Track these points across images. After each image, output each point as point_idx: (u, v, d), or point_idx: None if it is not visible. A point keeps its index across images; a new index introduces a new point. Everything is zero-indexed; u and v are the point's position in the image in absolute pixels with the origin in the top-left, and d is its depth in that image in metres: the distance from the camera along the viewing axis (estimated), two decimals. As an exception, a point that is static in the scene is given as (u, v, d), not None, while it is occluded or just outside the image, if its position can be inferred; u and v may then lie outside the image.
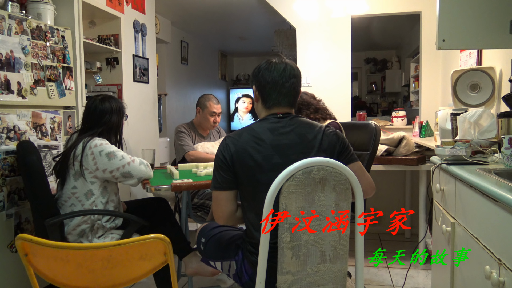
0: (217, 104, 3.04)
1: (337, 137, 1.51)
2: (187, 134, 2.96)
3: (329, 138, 1.49)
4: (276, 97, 1.53)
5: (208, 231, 1.80)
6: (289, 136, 1.47)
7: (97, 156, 1.92)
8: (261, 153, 1.45)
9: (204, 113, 3.01)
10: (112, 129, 2.10)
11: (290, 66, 1.56)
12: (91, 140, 1.95)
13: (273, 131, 1.48)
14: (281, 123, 1.50)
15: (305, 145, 1.47)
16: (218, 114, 3.03)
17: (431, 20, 3.68)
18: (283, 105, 1.55)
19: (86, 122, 2.07)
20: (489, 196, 1.21)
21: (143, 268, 1.29)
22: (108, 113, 2.06)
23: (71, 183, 1.95)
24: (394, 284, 2.68)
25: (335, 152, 1.49)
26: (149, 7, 3.91)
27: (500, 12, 1.88)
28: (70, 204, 1.95)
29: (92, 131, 2.02)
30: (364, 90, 8.30)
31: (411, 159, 2.91)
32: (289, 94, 1.54)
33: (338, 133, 1.53)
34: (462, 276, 1.56)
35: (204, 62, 7.47)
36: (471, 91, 2.48)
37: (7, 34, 2.11)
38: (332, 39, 3.94)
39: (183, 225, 2.41)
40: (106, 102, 2.08)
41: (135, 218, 1.97)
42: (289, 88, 1.53)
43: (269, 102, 1.54)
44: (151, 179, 2.08)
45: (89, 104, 2.09)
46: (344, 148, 1.52)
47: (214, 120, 3.02)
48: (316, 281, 1.38)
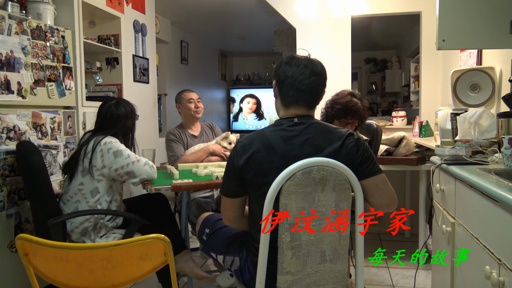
0: (191, 92, 3.03)
1: (357, 149, 1.40)
2: (176, 141, 2.87)
3: (347, 150, 1.39)
4: (294, 95, 1.44)
5: (213, 222, 1.77)
6: (303, 148, 1.38)
7: (105, 154, 1.95)
8: (271, 163, 1.38)
9: (183, 105, 2.99)
10: (126, 132, 2.15)
11: (313, 63, 1.46)
12: (102, 138, 1.99)
13: (286, 140, 1.40)
14: (295, 131, 1.41)
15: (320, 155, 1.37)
16: (197, 100, 3.00)
17: (431, 20, 3.68)
18: (301, 105, 1.45)
19: (101, 125, 2.10)
20: (489, 196, 1.21)
21: (143, 268, 1.29)
22: (124, 117, 2.12)
23: (79, 179, 1.97)
24: (394, 284, 2.68)
25: (354, 165, 1.39)
26: (149, 7, 3.91)
27: (500, 12, 1.88)
28: (76, 200, 1.97)
29: (106, 131, 2.06)
30: (364, 90, 8.30)
31: (411, 159, 2.91)
32: (308, 93, 1.44)
33: (359, 144, 1.42)
34: (462, 276, 1.56)
35: (204, 62, 7.47)
36: (471, 91, 2.48)
37: (7, 34, 2.11)
38: (332, 39, 3.94)
39: (183, 226, 2.41)
40: (121, 106, 2.13)
41: (136, 218, 1.99)
42: (308, 85, 1.43)
43: (287, 99, 1.46)
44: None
45: (104, 109, 2.11)
46: (363, 160, 1.41)
47: (195, 106, 2.97)
48: (316, 281, 1.38)
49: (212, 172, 2.19)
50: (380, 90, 8.12)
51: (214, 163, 2.54)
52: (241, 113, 8.69)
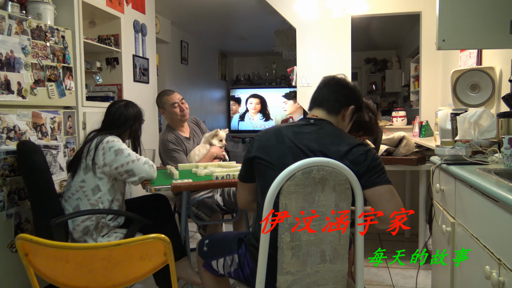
0: (172, 94, 2.82)
1: (364, 158, 1.40)
2: (178, 151, 2.74)
3: (354, 156, 1.40)
4: (318, 97, 1.57)
5: (214, 234, 1.83)
6: (309, 142, 1.44)
7: (106, 152, 1.97)
8: (278, 152, 1.45)
9: (167, 110, 2.79)
10: (132, 135, 2.19)
11: (346, 84, 1.57)
12: (105, 136, 2.01)
13: (296, 134, 1.47)
14: (307, 128, 1.49)
15: (323, 154, 1.40)
16: (181, 101, 2.79)
17: (431, 20, 3.68)
18: (322, 109, 1.55)
19: (108, 125, 2.12)
20: (489, 196, 1.21)
21: (143, 268, 1.29)
22: (131, 120, 2.15)
23: (81, 176, 1.98)
24: (394, 284, 2.68)
25: (359, 172, 1.38)
26: (149, 7, 3.91)
27: (500, 12, 1.88)
28: (77, 198, 1.97)
29: (111, 131, 2.08)
30: (364, 90, 8.30)
31: (411, 159, 2.91)
32: (330, 104, 1.54)
33: (369, 154, 1.42)
34: (462, 276, 1.56)
35: (204, 62, 7.47)
36: (471, 91, 2.48)
37: (7, 34, 2.11)
38: (332, 39, 3.94)
39: (183, 226, 2.41)
40: (130, 108, 2.16)
41: (138, 217, 1.99)
42: (332, 99, 1.54)
43: (312, 101, 1.59)
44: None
45: (113, 110, 2.14)
46: (369, 169, 1.40)
47: (181, 109, 2.77)
48: (316, 281, 1.38)
49: (212, 172, 2.19)
50: (380, 90, 8.11)
51: (214, 163, 2.54)
52: (247, 113, 8.70)
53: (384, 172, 1.43)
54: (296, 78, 4.10)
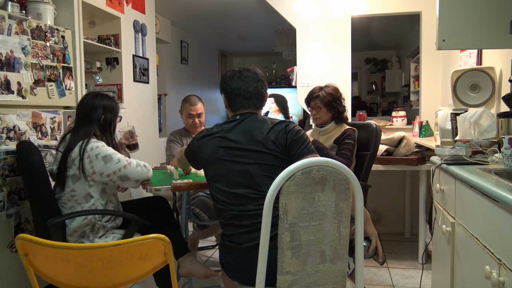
0: (194, 105, 2.85)
1: (285, 132, 1.60)
2: (175, 142, 2.86)
3: (275, 133, 1.60)
4: (241, 101, 1.70)
5: None
6: (236, 134, 1.62)
7: (93, 160, 1.90)
8: (210, 147, 1.64)
9: (184, 115, 2.91)
10: (105, 127, 2.06)
11: (252, 72, 1.71)
12: (87, 143, 1.92)
13: (223, 131, 1.65)
14: (233, 123, 1.66)
15: (250, 141, 1.58)
16: (197, 115, 2.86)
17: (431, 20, 3.67)
18: (247, 108, 1.71)
19: (78, 119, 2.03)
20: (489, 196, 1.21)
21: (143, 268, 1.29)
22: (99, 108, 2.02)
23: (70, 186, 1.93)
24: (394, 284, 2.68)
25: (284, 146, 1.58)
26: (149, 7, 3.91)
27: (500, 12, 1.88)
28: (70, 206, 1.94)
29: (85, 131, 1.97)
30: (364, 90, 8.30)
31: (411, 159, 2.91)
32: (254, 98, 1.70)
33: (288, 128, 1.61)
34: (462, 276, 1.56)
35: (204, 62, 7.47)
36: (471, 91, 2.47)
37: (7, 34, 2.11)
38: (332, 39, 3.94)
39: (183, 225, 2.41)
40: (98, 98, 2.05)
41: (136, 218, 1.97)
42: (253, 92, 1.69)
43: (235, 106, 1.71)
44: (151, 179, 2.08)
45: (81, 100, 2.07)
46: (293, 142, 1.59)
47: (193, 122, 2.86)
48: (316, 281, 1.38)
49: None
50: (380, 90, 8.11)
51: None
52: (270, 113, 8.70)
53: (308, 143, 1.61)
54: (296, 78, 4.10)
